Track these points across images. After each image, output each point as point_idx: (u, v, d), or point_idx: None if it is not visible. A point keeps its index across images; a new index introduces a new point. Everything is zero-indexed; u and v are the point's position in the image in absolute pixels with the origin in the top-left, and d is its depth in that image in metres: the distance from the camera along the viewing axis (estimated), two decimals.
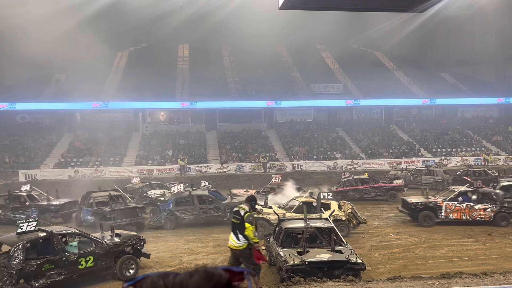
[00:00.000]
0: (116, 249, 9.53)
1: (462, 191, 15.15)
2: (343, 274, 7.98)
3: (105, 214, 14.25)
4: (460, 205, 14.52)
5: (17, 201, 16.76)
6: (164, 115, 39.07)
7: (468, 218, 14.36)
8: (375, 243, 12.26)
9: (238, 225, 7.05)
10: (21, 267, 7.97)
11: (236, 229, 7.07)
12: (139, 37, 43.43)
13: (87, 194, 15.65)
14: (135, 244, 9.96)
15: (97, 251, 9.14)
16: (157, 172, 28.12)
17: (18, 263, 7.97)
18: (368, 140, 34.41)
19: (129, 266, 9.63)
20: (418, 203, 14.78)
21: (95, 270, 9.11)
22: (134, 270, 9.65)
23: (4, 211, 16.33)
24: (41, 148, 31.02)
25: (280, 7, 6.20)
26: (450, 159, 31.19)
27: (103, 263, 9.20)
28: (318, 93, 38.82)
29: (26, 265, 8.09)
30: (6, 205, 16.60)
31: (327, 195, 13.90)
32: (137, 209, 15.05)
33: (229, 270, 0.99)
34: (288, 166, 29.45)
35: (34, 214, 15.38)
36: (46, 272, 8.29)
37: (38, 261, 8.35)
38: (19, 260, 8.01)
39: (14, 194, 17.07)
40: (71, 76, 37.39)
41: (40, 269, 8.24)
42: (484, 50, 40.66)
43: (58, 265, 8.47)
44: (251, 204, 7.39)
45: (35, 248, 8.86)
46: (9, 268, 7.90)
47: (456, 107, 39.77)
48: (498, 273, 8.12)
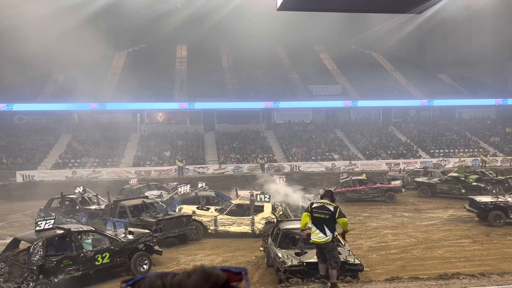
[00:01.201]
0: (130, 246, 9.86)
1: None
2: (341, 275, 7.98)
3: (150, 226, 12.18)
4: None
5: (68, 204, 16.27)
6: (162, 116, 39.06)
7: None
8: (373, 244, 12.26)
9: (326, 219, 7.35)
10: (41, 263, 8.21)
11: (324, 223, 7.34)
12: (138, 37, 43.41)
13: (115, 203, 13.62)
14: (148, 241, 10.26)
15: (112, 248, 9.47)
16: (155, 173, 28.09)
17: (38, 260, 8.20)
18: (366, 141, 34.47)
19: (142, 263, 9.95)
20: (488, 202, 14.61)
21: (111, 266, 9.45)
22: (148, 266, 9.98)
23: (57, 214, 15.57)
24: (39, 149, 30.97)
25: (278, 8, 6.21)
26: (448, 160, 31.26)
27: (118, 260, 9.53)
28: (316, 94, 38.88)
29: (46, 261, 8.34)
30: (59, 208, 16.12)
31: (264, 197, 13.70)
32: (183, 218, 13.13)
33: (227, 270, 0.99)
34: (286, 167, 29.48)
35: (84, 219, 15.09)
36: (65, 268, 8.58)
37: (57, 257, 8.62)
38: (40, 257, 8.25)
39: (66, 196, 16.47)
40: (69, 77, 37.29)
41: (59, 265, 8.52)
42: (481, 51, 40.76)
43: (76, 261, 8.76)
44: (332, 198, 7.76)
45: (53, 245, 9.09)
46: (29, 264, 8.11)
47: (453, 108, 39.88)
48: (495, 273, 8.14)
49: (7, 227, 16.50)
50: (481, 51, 40.71)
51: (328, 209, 7.44)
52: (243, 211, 13.88)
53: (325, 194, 8.00)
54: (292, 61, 44.54)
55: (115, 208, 13.30)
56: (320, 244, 7.45)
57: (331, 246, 7.48)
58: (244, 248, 12.22)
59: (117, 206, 13.34)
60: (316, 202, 7.73)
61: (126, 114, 36.30)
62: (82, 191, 17.17)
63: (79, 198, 16.47)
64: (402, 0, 6.23)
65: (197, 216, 13.59)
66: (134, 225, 12.21)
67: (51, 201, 16.60)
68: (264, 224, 13.19)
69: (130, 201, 14.00)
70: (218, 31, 42.66)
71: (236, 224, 13.32)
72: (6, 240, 14.06)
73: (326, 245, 7.42)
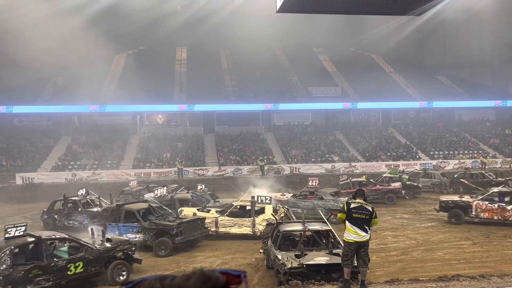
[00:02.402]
0: (107, 255, 9.39)
1: (497, 191, 15.30)
2: (341, 277, 7.97)
3: (171, 230, 11.81)
4: (492, 205, 14.62)
5: (71, 206, 16.30)
6: (162, 118, 39.07)
7: (500, 219, 14.44)
8: (373, 245, 12.21)
9: (367, 220, 7.60)
10: (8, 273, 7.76)
11: (364, 223, 7.58)
12: (137, 40, 43.41)
13: (117, 207, 13.16)
14: (126, 250, 9.84)
15: (86, 257, 8.96)
16: (155, 175, 28.10)
17: (5, 269, 7.76)
18: (365, 142, 34.47)
19: (120, 272, 9.49)
20: (448, 201, 15.53)
21: (85, 276, 8.97)
22: (126, 275, 9.54)
23: (60, 217, 15.91)
24: (39, 151, 30.95)
25: (277, 10, 6.22)
26: (448, 162, 31.26)
27: (93, 269, 9.05)
28: (316, 96, 38.88)
29: (14, 271, 7.89)
30: (61, 210, 16.19)
31: (265, 199, 13.77)
32: (198, 221, 13.00)
33: (227, 273, 0.99)
34: (286, 169, 29.47)
35: (86, 221, 14.97)
36: (34, 278, 8.10)
37: (26, 267, 8.13)
38: (7, 266, 7.80)
39: (69, 198, 16.53)
40: (68, 79, 37.34)
41: (28, 275, 8.03)
42: (481, 53, 40.84)
43: (46, 271, 8.27)
44: (365, 197, 8.07)
45: (23, 253, 8.61)
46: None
47: (453, 110, 39.91)
48: (495, 275, 8.13)
49: None
50: (481, 53, 40.78)
51: (367, 209, 7.65)
52: (244, 213, 13.89)
53: (358, 193, 8.09)
54: (291, 63, 44.57)
55: (118, 212, 12.80)
56: (360, 243, 7.61)
57: (368, 244, 7.77)
58: (244, 250, 12.21)
59: (121, 210, 12.79)
60: (353, 203, 7.77)
61: (126, 116, 36.30)
62: (85, 193, 17.16)
63: (82, 200, 16.49)
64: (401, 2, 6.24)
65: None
66: (148, 229, 12.04)
67: (53, 203, 16.64)
68: (265, 226, 13.20)
69: (136, 204, 13.53)
70: (218, 33, 42.69)
71: (237, 226, 13.33)
72: None
73: (366, 243, 7.67)
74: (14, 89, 34.88)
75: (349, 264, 7.66)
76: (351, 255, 7.68)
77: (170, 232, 11.68)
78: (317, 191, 16.80)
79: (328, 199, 16.09)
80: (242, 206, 14.19)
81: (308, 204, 15.96)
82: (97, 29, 34.00)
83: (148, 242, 12.03)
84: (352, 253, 7.67)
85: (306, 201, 16.40)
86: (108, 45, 35.20)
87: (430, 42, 45.80)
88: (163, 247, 11.74)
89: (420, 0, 6.15)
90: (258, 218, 13.37)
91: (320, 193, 16.64)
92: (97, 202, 16.60)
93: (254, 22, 36.56)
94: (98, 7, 35.91)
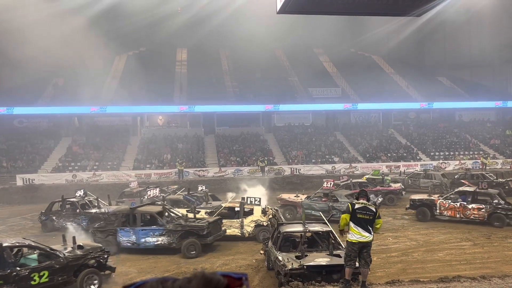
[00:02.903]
0: (76, 263, 8.84)
1: (460, 190, 16.27)
2: (341, 278, 7.96)
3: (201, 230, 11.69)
4: (454, 204, 15.47)
5: (69, 208, 16.30)
6: (162, 119, 39.08)
7: (462, 217, 15.16)
8: (374, 246, 12.11)
9: (370, 220, 7.65)
10: None
11: (368, 224, 7.63)
12: (138, 41, 43.44)
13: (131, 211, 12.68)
14: (98, 257, 9.35)
15: (52, 265, 8.40)
16: (155, 176, 28.09)
17: None
18: (366, 143, 34.46)
19: (91, 281, 8.96)
20: (416, 199, 16.40)
21: (51, 286, 8.37)
22: (97, 285, 9.02)
23: (58, 218, 15.88)
24: (39, 153, 30.96)
25: (278, 11, 6.22)
26: (448, 163, 31.24)
27: (59, 278, 8.48)
28: (316, 97, 38.89)
29: None
30: (60, 211, 16.19)
31: (254, 201, 13.69)
32: (218, 221, 12.91)
33: (228, 276, 0.99)
34: (287, 170, 29.46)
35: (84, 222, 15.05)
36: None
37: None
38: None
39: (67, 200, 16.50)
40: (69, 80, 37.36)
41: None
42: (481, 54, 40.82)
43: (7, 281, 7.73)
44: (368, 197, 8.17)
45: None
46: None
47: (453, 111, 39.89)
48: (496, 276, 8.12)
49: (7, 231, 16.49)
50: (481, 54, 40.76)
51: (371, 210, 7.71)
52: (233, 214, 13.82)
53: (361, 194, 8.13)
54: (292, 64, 44.59)
55: (133, 216, 12.39)
56: (364, 243, 7.64)
57: (371, 244, 7.82)
58: (244, 251, 12.20)
59: (136, 214, 12.41)
60: (357, 203, 7.79)
61: (126, 117, 36.31)
62: (83, 194, 17.13)
63: (80, 201, 16.46)
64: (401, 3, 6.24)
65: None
66: (173, 232, 11.86)
67: (52, 204, 16.62)
68: (254, 227, 13.19)
69: (151, 207, 13.24)
70: (218, 34, 42.72)
71: (226, 227, 13.26)
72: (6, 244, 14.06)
73: (369, 243, 7.74)
74: (15, 90, 34.91)
75: (352, 264, 7.67)
76: (354, 255, 7.69)
77: (200, 232, 11.63)
78: (331, 192, 16.47)
79: (343, 201, 15.58)
80: (231, 207, 14.13)
81: (323, 206, 15.74)
82: (97, 30, 34.02)
83: (174, 244, 11.92)
84: (355, 253, 7.68)
85: (321, 203, 16.16)
86: (109, 46, 35.23)
87: (430, 43, 45.81)
88: (192, 248, 11.72)
89: (420, 1, 6.15)
90: (247, 220, 13.36)
91: (335, 195, 16.32)
92: (95, 204, 16.59)
93: (254, 23, 36.59)
94: (98, 8, 35.94)
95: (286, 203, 17.34)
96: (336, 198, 16.10)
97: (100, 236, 12.31)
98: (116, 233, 12.23)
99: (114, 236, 12.22)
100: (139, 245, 12.13)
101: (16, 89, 35.04)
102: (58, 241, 10.87)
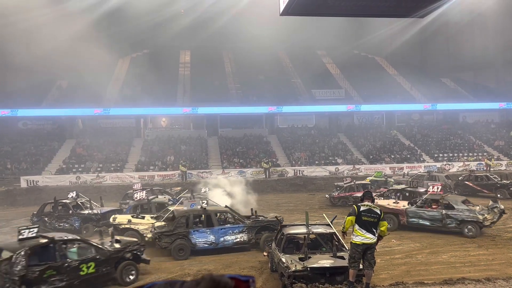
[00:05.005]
0: (117, 255, 9.57)
1: (397, 189, 17.51)
2: (345, 280, 7.95)
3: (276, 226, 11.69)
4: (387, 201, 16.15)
5: (61, 209, 16.36)
6: (166, 121, 39.17)
7: None
8: (377, 248, 12.20)
9: (375, 223, 7.69)
10: (24, 274, 7.90)
11: (372, 226, 7.67)
12: (141, 43, 43.63)
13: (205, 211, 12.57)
14: (135, 250, 10.01)
15: (98, 257, 9.16)
16: (159, 178, 28.15)
17: (21, 270, 7.90)
18: (369, 145, 34.40)
19: (129, 272, 9.69)
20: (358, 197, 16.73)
21: (96, 276, 9.11)
22: (134, 276, 9.74)
23: (50, 219, 15.93)
24: (43, 154, 31.08)
25: (281, 13, 6.24)
26: (452, 164, 31.15)
27: (104, 269, 9.22)
28: (319, 99, 38.88)
29: (29, 271, 8.00)
30: (52, 213, 16.23)
31: (202, 203, 13.25)
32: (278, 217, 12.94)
33: (235, 278, 0.99)
34: (290, 172, 29.45)
35: (77, 223, 15.12)
36: (48, 279, 8.25)
37: (40, 267, 8.26)
38: (22, 267, 7.94)
39: (59, 201, 16.54)
40: (73, 83, 37.54)
41: (42, 275, 8.20)
42: (484, 55, 40.73)
43: (60, 272, 8.44)
44: (373, 199, 8.25)
45: (37, 254, 8.70)
46: (11, 274, 7.83)
47: (457, 112, 39.79)
48: (501, 278, 8.09)
49: (11, 232, 16.51)
50: (484, 55, 40.67)
51: (376, 212, 7.74)
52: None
53: (366, 195, 8.13)
54: (295, 66, 44.61)
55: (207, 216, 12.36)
56: (368, 245, 7.66)
57: (375, 247, 7.83)
58: (248, 253, 12.19)
59: (211, 214, 12.41)
60: (362, 205, 7.80)
61: (130, 119, 36.42)
62: (75, 196, 17.22)
63: (72, 203, 16.52)
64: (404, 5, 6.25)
65: (133, 225, 13.35)
66: (252, 228, 12.25)
67: (44, 206, 16.71)
68: None
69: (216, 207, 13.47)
70: (221, 36, 42.82)
71: None
72: None
73: (373, 245, 7.76)
74: (19, 92, 35.09)
75: (356, 266, 7.67)
76: (358, 257, 7.70)
77: (276, 227, 11.73)
78: (443, 198, 14.29)
79: (460, 209, 13.66)
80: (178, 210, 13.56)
81: (435, 214, 13.92)
82: (101, 32, 34.21)
83: (253, 240, 12.28)
84: (359, 255, 7.69)
85: (431, 211, 14.10)
86: (112, 48, 35.36)
87: (433, 44, 45.75)
88: (269, 242, 11.69)
89: (423, 2, 6.15)
90: None
91: (449, 201, 14.14)
92: (88, 205, 16.61)
93: (257, 25, 36.66)
94: (102, 11, 36.12)
95: (385, 211, 16.05)
96: (451, 205, 13.90)
97: (167, 241, 11.84)
98: (188, 235, 11.95)
99: (183, 239, 11.91)
100: (218, 244, 12.09)
101: (21, 91, 35.22)
102: None
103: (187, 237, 11.91)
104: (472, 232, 13.25)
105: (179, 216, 12.39)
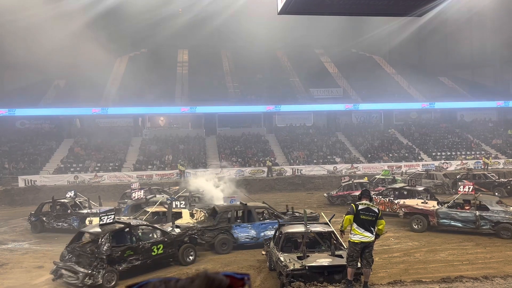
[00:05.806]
0: (180, 239, 10.97)
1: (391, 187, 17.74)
2: (343, 278, 7.96)
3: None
4: (384, 199, 16.83)
5: (60, 209, 16.38)
6: (164, 120, 39.13)
7: (390, 211, 16.22)
8: (375, 247, 12.11)
9: (373, 221, 7.72)
10: (110, 253, 9.35)
11: (370, 225, 7.70)
12: (139, 42, 43.58)
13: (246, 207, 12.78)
14: (193, 234, 11.39)
15: (166, 240, 10.59)
16: (157, 177, 28.13)
17: (107, 250, 9.36)
18: (367, 144, 34.44)
19: (189, 253, 11.05)
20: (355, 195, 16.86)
21: (164, 257, 10.58)
22: (193, 256, 11.11)
23: (48, 219, 15.98)
24: (41, 154, 31.03)
25: (279, 12, 6.24)
26: (450, 163, 31.21)
27: (170, 251, 10.65)
28: (318, 98, 38.90)
29: (113, 251, 9.47)
30: (50, 212, 16.26)
31: (180, 204, 13.43)
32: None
33: (230, 276, 0.99)
34: (288, 171, 29.47)
35: (75, 222, 15.14)
36: (127, 258, 9.71)
37: (122, 248, 9.71)
38: (107, 247, 9.40)
39: (57, 201, 16.59)
40: (70, 82, 37.48)
41: (123, 255, 9.66)
42: (482, 54, 40.80)
43: (136, 252, 9.88)
44: (370, 197, 8.27)
45: (116, 237, 10.10)
46: (99, 254, 9.22)
47: (455, 111, 39.86)
48: (499, 276, 8.11)
49: (9, 232, 16.52)
50: (482, 53, 40.74)
51: (374, 211, 7.77)
52: (159, 219, 13.44)
53: (363, 194, 8.14)
54: (293, 65, 44.61)
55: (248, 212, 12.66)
56: (366, 243, 7.69)
57: (373, 245, 7.86)
58: (246, 252, 12.20)
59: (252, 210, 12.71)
60: (360, 204, 7.80)
61: (128, 119, 36.37)
62: (73, 195, 17.23)
63: (71, 202, 16.53)
64: (402, 4, 6.25)
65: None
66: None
67: (41, 205, 16.73)
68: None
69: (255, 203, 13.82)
70: (219, 35, 42.83)
71: None
72: (8, 245, 14.10)
73: (371, 243, 7.80)
74: (17, 92, 35.03)
75: (354, 265, 7.68)
76: (356, 255, 7.71)
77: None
78: (476, 198, 13.55)
79: (496, 210, 13.01)
80: (156, 212, 13.67)
81: (468, 216, 13.22)
82: (99, 32, 34.13)
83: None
84: (357, 253, 7.70)
85: (464, 212, 13.40)
86: (110, 47, 35.32)
87: (431, 43, 45.80)
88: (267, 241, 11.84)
89: (421, 1, 6.16)
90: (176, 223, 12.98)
91: (484, 202, 13.42)
92: (86, 204, 16.63)
93: (255, 23, 36.64)
94: (99, 10, 36.03)
95: (413, 211, 14.48)
96: (486, 206, 13.24)
97: (210, 235, 12.11)
98: (230, 230, 12.18)
99: (226, 234, 12.16)
100: (258, 239, 12.20)
101: (18, 90, 35.16)
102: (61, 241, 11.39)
103: (229, 232, 12.20)
104: (509, 234, 12.57)
105: (222, 211, 12.59)
